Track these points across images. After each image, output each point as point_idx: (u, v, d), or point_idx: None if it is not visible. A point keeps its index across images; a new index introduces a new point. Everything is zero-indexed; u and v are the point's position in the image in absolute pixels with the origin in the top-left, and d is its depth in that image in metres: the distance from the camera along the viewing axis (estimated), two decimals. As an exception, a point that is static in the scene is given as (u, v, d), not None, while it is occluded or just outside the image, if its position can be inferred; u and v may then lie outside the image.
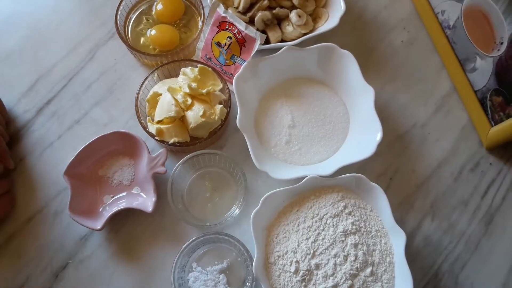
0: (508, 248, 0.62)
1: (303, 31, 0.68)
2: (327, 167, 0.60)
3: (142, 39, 0.71)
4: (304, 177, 0.58)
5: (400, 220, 0.63)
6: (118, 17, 0.69)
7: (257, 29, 0.68)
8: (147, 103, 0.65)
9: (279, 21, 0.70)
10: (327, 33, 0.67)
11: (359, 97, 0.64)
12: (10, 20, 0.74)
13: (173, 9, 0.72)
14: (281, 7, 0.69)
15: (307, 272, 0.55)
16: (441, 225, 0.63)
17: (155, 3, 0.72)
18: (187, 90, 0.62)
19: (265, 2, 0.68)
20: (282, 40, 0.69)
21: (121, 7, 0.69)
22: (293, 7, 0.70)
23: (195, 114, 0.61)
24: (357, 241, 0.56)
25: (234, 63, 0.67)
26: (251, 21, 0.69)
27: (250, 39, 0.65)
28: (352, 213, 0.58)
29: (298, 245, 0.57)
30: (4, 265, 0.60)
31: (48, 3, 0.76)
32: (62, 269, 0.60)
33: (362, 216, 0.59)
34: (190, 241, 0.58)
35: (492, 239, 0.63)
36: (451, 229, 0.63)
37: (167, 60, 0.67)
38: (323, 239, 0.57)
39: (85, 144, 0.61)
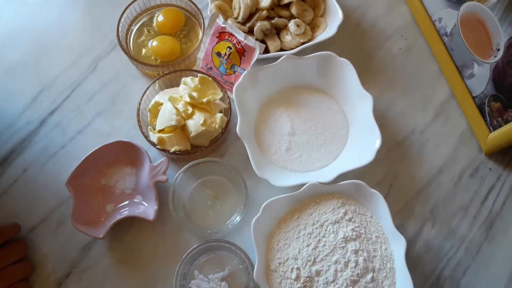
0: (510, 253, 0.62)
1: (302, 40, 0.69)
2: (327, 174, 0.61)
3: (143, 50, 0.72)
4: (304, 184, 0.59)
5: (400, 226, 0.63)
6: (120, 29, 0.70)
7: (256, 39, 0.69)
8: (148, 113, 0.66)
9: (278, 30, 0.71)
10: (325, 41, 0.68)
11: (357, 105, 0.65)
12: (14, 33, 0.76)
13: (174, 20, 0.73)
14: (280, 17, 0.70)
15: (308, 278, 0.56)
16: (441, 230, 0.64)
17: (156, 15, 0.74)
18: (188, 99, 0.63)
19: (264, 13, 0.69)
20: (281, 49, 0.70)
21: (122, 19, 0.70)
22: (291, 17, 0.71)
23: (195, 123, 0.62)
24: (357, 248, 0.57)
25: (234, 72, 0.68)
26: (250, 31, 0.70)
27: (250, 48, 0.66)
28: (352, 220, 0.59)
29: (299, 252, 0.57)
30: (8, 275, 0.61)
31: (50, 16, 0.77)
32: (65, 278, 0.61)
33: (362, 222, 0.59)
34: (191, 248, 0.58)
35: (493, 244, 0.63)
36: (451, 235, 0.63)
37: (168, 70, 0.68)
38: (323, 245, 0.57)
39: (87, 153, 0.62)
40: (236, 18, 0.70)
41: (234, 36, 0.66)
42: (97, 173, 0.64)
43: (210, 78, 0.65)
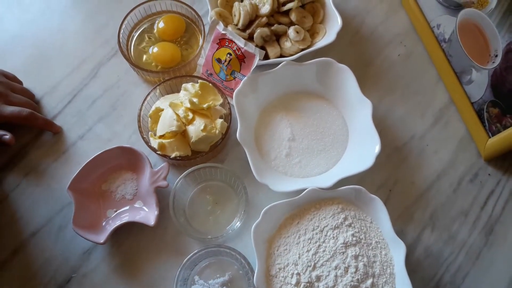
0: (509, 258, 0.63)
1: (301, 47, 0.70)
2: (327, 180, 0.61)
3: (144, 56, 0.73)
4: (304, 190, 0.59)
5: (400, 232, 0.63)
6: (121, 35, 0.70)
7: (256, 45, 0.69)
8: (149, 119, 0.67)
9: (278, 37, 0.72)
10: (324, 48, 0.69)
11: (357, 110, 0.65)
12: (16, 40, 0.76)
13: (175, 27, 0.74)
14: (280, 23, 0.71)
15: (308, 284, 0.56)
16: (441, 236, 0.64)
17: (157, 22, 0.74)
18: (188, 105, 0.63)
19: (264, 19, 0.70)
20: (281, 56, 0.71)
21: (123, 26, 0.71)
22: (291, 23, 0.71)
23: (196, 129, 0.62)
24: (357, 253, 0.57)
25: (234, 78, 0.68)
26: (250, 38, 0.70)
27: (250, 55, 0.66)
28: (352, 225, 0.59)
29: (299, 257, 0.57)
30: (9, 279, 0.61)
31: (52, 24, 0.78)
32: (66, 283, 0.61)
33: (362, 227, 0.59)
34: (192, 254, 0.58)
35: (493, 250, 0.63)
36: (451, 240, 0.63)
37: (169, 76, 0.69)
38: (323, 251, 0.57)
39: (88, 159, 0.62)
40: (236, 25, 0.71)
41: (234, 42, 0.67)
42: (98, 178, 0.64)
43: (210, 84, 0.66)
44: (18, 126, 0.68)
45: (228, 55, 0.67)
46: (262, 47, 0.70)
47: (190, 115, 0.63)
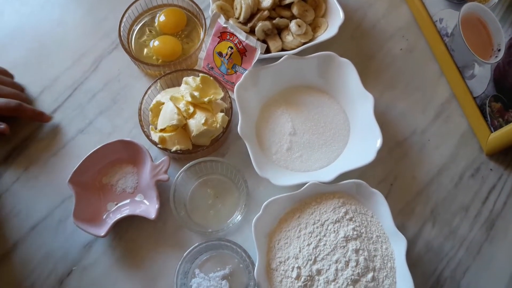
0: (510, 254, 0.63)
1: (303, 40, 0.70)
2: (328, 174, 0.61)
3: (145, 50, 0.73)
4: (305, 184, 0.59)
5: (401, 226, 0.63)
6: (122, 28, 0.70)
7: (258, 39, 0.69)
8: (150, 112, 0.66)
9: (279, 30, 0.71)
10: (326, 42, 0.68)
11: (358, 105, 0.65)
12: (16, 33, 0.76)
13: (176, 20, 0.73)
14: (281, 17, 0.71)
15: (308, 277, 0.56)
16: (442, 231, 0.64)
17: (158, 15, 0.74)
18: (189, 99, 0.63)
19: (265, 13, 0.70)
20: (282, 49, 0.71)
21: (124, 19, 0.71)
22: (292, 17, 0.71)
23: (197, 122, 0.62)
24: (358, 247, 0.57)
25: (235, 72, 0.68)
26: (251, 31, 0.70)
27: (251, 48, 0.66)
28: (353, 219, 0.59)
29: (300, 251, 0.57)
30: (9, 273, 0.61)
31: (52, 16, 0.77)
32: (66, 276, 0.61)
33: (363, 221, 0.59)
34: (192, 247, 0.58)
35: (494, 245, 0.63)
36: (452, 235, 0.63)
37: (170, 70, 0.68)
38: (324, 244, 0.57)
39: (89, 152, 0.62)
40: (238, 18, 0.71)
41: (235, 36, 0.66)
42: (99, 171, 0.64)
43: (211, 78, 0.66)
44: (17, 119, 0.67)
45: (229, 49, 0.67)
46: (264, 41, 0.70)
47: (191, 109, 0.63)
